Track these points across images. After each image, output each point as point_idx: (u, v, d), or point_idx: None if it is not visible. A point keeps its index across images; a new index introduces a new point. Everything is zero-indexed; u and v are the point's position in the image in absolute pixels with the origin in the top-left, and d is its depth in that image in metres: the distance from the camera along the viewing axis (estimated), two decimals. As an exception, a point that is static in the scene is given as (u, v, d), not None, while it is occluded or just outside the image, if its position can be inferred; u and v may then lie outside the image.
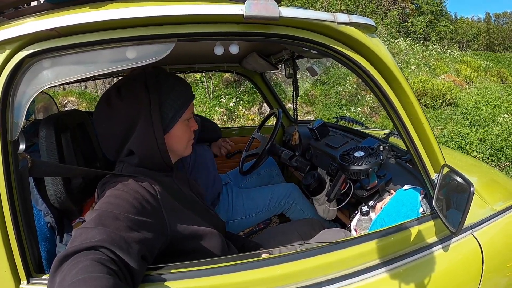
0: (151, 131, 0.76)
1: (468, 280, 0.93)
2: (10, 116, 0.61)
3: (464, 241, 0.94)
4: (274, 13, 0.58)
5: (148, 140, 0.77)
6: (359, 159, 1.15)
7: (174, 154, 0.86)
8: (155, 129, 0.76)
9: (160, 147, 0.78)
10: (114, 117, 0.77)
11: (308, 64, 1.70)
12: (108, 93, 0.78)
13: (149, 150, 0.78)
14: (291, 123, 2.24)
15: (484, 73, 9.81)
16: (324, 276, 0.73)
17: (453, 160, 1.52)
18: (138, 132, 0.76)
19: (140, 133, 0.76)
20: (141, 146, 0.78)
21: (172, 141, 0.83)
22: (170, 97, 0.80)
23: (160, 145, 0.78)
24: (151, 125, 0.76)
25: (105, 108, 0.77)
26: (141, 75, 0.78)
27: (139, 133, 0.76)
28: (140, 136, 0.76)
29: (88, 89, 6.19)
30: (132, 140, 0.77)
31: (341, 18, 0.65)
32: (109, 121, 0.77)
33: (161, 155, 0.79)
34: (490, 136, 5.05)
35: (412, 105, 0.80)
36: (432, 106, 6.97)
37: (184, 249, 0.78)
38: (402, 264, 0.82)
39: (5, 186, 0.60)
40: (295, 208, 1.55)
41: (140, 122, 0.75)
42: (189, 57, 1.80)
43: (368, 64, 0.74)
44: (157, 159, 0.80)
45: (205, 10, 0.59)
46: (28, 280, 0.62)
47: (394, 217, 0.97)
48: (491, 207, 1.08)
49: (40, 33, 0.60)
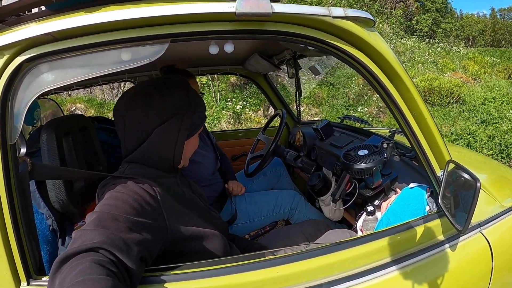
0: (175, 132, 0.80)
1: (477, 280, 0.90)
2: (9, 120, 0.62)
3: (473, 240, 0.91)
4: (266, 9, 0.58)
5: (170, 138, 0.80)
6: (362, 158, 1.13)
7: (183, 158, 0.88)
8: (181, 132, 0.81)
9: (177, 149, 0.82)
10: (150, 112, 0.79)
11: (311, 63, 1.70)
12: (147, 89, 0.80)
13: (164, 149, 0.80)
14: (296, 124, 2.23)
15: (491, 69, 9.63)
16: (325, 278, 0.71)
17: (461, 158, 1.49)
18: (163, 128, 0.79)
19: (164, 130, 0.79)
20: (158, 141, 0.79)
21: (187, 148, 0.87)
22: (200, 109, 0.87)
23: (178, 148, 0.82)
24: (179, 127, 0.80)
25: (143, 102, 0.79)
26: (183, 83, 0.85)
27: (164, 129, 0.79)
28: (164, 132, 0.79)
29: (95, 95, 6.29)
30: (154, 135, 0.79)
31: (336, 12, 0.64)
32: (143, 115, 0.79)
33: (174, 155, 0.82)
34: (499, 132, 4.96)
35: (414, 100, 0.78)
36: (440, 104, 6.86)
37: (185, 251, 0.77)
38: (407, 264, 0.80)
39: (4, 188, 0.60)
40: (299, 215, 1.54)
41: (171, 121, 0.79)
42: (192, 61, 1.81)
43: (368, 59, 0.73)
44: (168, 158, 0.82)
45: (197, 9, 0.59)
46: (28, 282, 0.62)
47: (400, 216, 0.95)
48: (500, 204, 1.05)
49: (37, 38, 0.61)
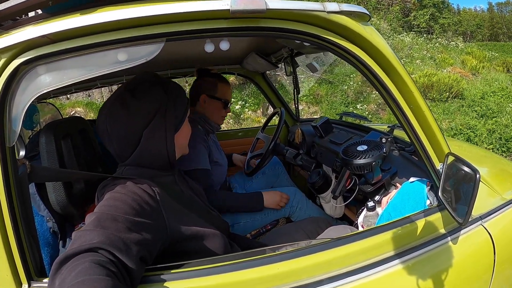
0: (163, 128, 0.79)
1: (480, 273, 0.90)
2: (7, 122, 0.62)
3: (474, 232, 0.91)
4: (260, 6, 0.58)
5: (159, 137, 0.79)
6: (361, 153, 1.13)
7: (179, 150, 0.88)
8: (167, 128, 0.80)
9: (168, 144, 0.81)
10: (132, 117, 0.77)
11: (308, 60, 1.69)
12: (121, 96, 0.78)
13: (156, 148, 0.80)
14: (295, 122, 2.23)
15: (489, 64, 9.61)
16: (326, 274, 0.71)
17: (462, 152, 1.49)
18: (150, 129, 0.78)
19: (152, 130, 0.78)
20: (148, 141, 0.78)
21: (180, 138, 0.87)
22: (180, 98, 0.85)
23: (169, 142, 0.81)
24: (164, 123, 0.79)
25: (122, 110, 0.77)
26: (154, 77, 0.83)
27: (151, 129, 0.78)
28: (151, 133, 0.78)
29: (94, 98, 6.29)
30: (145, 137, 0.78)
31: (330, 7, 0.64)
32: (127, 122, 0.77)
33: (167, 151, 0.82)
34: (499, 126, 4.95)
35: (411, 93, 0.78)
36: (439, 100, 6.85)
37: (185, 250, 0.78)
38: (409, 258, 0.80)
39: (4, 190, 0.60)
40: (300, 212, 1.54)
41: (155, 120, 0.78)
42: (190, 61, 1.81)
43: (364, 54, 0.73)
44: (162, 156, 0.81)
45: (191, 7, 0.59)
46: (29, 284, 0.62)
47: (401, 210, 0.95)
48: (501, 197, 1.05)
49: (33, 40, 0.61)
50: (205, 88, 1.48)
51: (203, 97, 1.47)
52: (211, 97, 1.48)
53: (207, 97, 1.48)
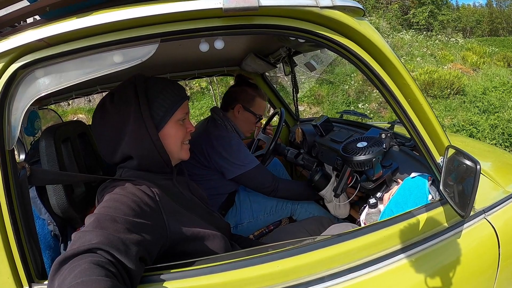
0: (144, 128, 0.78)
1: (484, 268, 0.89)
2: (6, 126, 0.63)
3: (477, 226, 0.90)
4: (253, 3, 0.58)
5: (142, 138, 0.79)
6: (362, 150, 1.12)
7: (171, 156, 0.86)
8: (148, 126, 0.79)
9: (155, 142, 0.80)
10: (107, 120, 0.80)
11: (306, 59, 1.70)
12: (103, 100, 0.82)
13: (145, 149, 0.79)
14: (295, 122, 2.23)
15: (490, 59, 9.55)
16: (327, 270, 0.71)
17: (465, 147, 1.47)
18: (130, 133, 0.78)
19: (133, 133, 0.78)
20: (137, 145, 0.79)
21: (166, 140, 0.83)
22: (160, 97, 0.82)
23: (156, 141, 0.80)
24: (143, 123, 0.78)
25: (100, 113, 0.81)
26: (131, 81, 0.82)
27: (132, 133, 0.78)
28: (133, 136, 0.78)
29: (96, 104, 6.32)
30: (126, 142, 0.79)
31: (323, 2, 0.64)
32: (102, 124, 0.81)
33: (158, 151, 0.81)
34: (501, 121, 4.92)
35: (408, 86, 0.78)
36: (441, 96, 6.82)
37: (185, 251, 0.77)
38: (412, 253, 0.79)
39: (4, 193, 0.61)
40: (301, 210, 1.53)
41: (131, 123, 0.78)
42: (189, 64, 1.82)
43: (359, 48, 0.73)
44: (155, 157, 0.81)
45: (184, 7, 0.59)
46: (30, 286, 0.63)
47: (403, 206, 0.94)
48: (504, 190, 1.04)
49: (30, 44, 0.62)
50: (243, 98, 1.49)
51: (238, 107, 1.48)
52: (246, 109, 1.49)
53: (242, 108, 1.48)
